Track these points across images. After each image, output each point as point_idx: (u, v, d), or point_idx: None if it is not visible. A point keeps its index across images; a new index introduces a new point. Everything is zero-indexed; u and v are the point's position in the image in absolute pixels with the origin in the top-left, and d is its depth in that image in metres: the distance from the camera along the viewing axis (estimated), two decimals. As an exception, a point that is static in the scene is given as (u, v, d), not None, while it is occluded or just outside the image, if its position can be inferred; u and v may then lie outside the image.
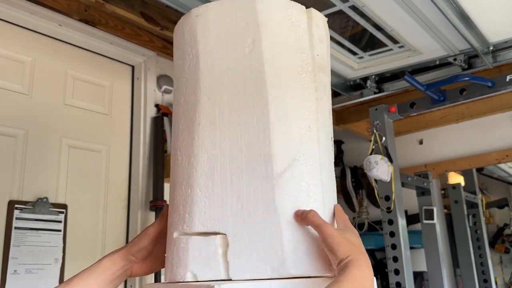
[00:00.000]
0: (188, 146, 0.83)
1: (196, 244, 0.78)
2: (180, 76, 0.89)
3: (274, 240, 0.75)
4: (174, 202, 0.84)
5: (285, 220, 0.76)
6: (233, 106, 0.80)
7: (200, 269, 0.76)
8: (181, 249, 0.79)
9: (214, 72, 0.83)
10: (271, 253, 0.74)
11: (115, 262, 0.87)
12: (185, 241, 0.79)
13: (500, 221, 3.38)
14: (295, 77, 0.84)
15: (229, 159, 0.79)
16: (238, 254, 0.74)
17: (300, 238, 0.76)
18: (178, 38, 0.92)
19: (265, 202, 0.76)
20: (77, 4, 1.95)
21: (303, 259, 0.76)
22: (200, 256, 0.77)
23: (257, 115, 0.80)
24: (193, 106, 0.83)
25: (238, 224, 0.76)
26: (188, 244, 0.78)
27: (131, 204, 2.19)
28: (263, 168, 0.77)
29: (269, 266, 0.74)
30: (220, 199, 0.77)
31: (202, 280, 0.76)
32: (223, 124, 0.80)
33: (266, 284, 0.73)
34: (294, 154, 0.79)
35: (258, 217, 0.76)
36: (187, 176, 0.81)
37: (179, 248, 0.80)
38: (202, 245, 0.77)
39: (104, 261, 0.87)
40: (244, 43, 0.83)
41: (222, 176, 0.78)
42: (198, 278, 0.76)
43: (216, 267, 0.75)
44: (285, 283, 0.73)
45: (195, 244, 0.78)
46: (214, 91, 0.82)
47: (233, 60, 0.83)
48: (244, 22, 0.84)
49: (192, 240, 0.78)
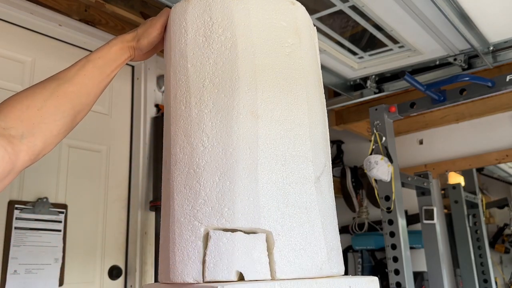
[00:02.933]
0: (221, 134, 0.77)
1: (243, 241, 0.72)
2: (201, 54, 0.83)
3: (317, 240, 0.76)
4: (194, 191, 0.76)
5: (324, 222, 0.78)
6: (276, 103, 0.80)
7: (247, 268, 0.71)
8: (223, 245, 0.72)
9: (255, 64, 0.81)
10: (315, 252, 0.75)
11: (124, 52, 0.91)
12: (229, 237, 0.73)
13: (500, 221, 3.38)
14: (317, 83, 0.89)
15: (272, 155, 0.76)
16: (284, 252, 0.73)
17: (335, 238, 0.80)
18: (198, 11, 0.86)
19: (308, 203, 0.77)
20: (77, 4, 1.95)
21: (338, 257, 0.79)
22: (248, 254, 0.72)
23: (300, 116, 0.81)
24: (227, 93, 0.79)
25: (283, 223, 0.74)
26: (233, 241, 0.72)
27: (131, 204, 2.19)
28: (306, 170, 0.78)
29: (314, 265, 0.74)
30: (265, 196, 0.74)
31: (249, 280, 0.71)
32: (266, 118, 0.78)
33: (310, 282, 0.72)
34: (324, 160, 0.84)
35: (302, 217, 0.76)
36: (222, 166, 0.75)
37: (220, 245, 0.73)
38: (249, 242, 0.72)
39: (113, 50, 0.89)
40: (284, 43, 0.84)
41: (265, 172, 0.75)
42: (245, 278, 0.71)
43: (263, 265, 0.72)
44: (327, 282, 0.74)
45: (241, 241, 0.72)
46: (255, 83, 0.79)
47: (273, 56, 0.83)
48: (285, 22, 0.86)
49: (237, 237, 0.72)
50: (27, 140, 0.74)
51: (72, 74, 0.84)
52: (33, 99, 0.77)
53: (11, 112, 0.74)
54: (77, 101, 0.83)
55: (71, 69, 0.85)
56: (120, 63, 0.91)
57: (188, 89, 0.82)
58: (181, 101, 0.83)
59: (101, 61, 0.87)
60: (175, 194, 0.79)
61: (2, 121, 0.73)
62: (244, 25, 0.82)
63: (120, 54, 0.90)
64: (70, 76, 0.83)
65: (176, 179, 0.79)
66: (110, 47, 0.89)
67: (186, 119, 0.81)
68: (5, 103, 0.76)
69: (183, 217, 0.76)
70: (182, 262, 0.75)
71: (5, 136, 0.71)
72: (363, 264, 3.07)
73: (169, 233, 0.79)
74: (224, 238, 0.72)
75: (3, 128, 0.72)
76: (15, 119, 0.74)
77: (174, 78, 0.86)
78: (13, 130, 0.73)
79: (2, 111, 0.74)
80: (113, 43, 0.90)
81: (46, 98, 0.78)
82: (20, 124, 0.74)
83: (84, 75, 0.85)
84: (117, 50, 0.90)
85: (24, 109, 0.75)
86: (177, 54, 0.87)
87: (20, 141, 0.73)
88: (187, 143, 0.79)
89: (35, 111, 0.76)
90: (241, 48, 0.81)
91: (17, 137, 0.73)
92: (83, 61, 0.86)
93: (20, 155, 0.72)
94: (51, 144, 0.78)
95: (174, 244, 0.77)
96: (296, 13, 0.89)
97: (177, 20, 0.89)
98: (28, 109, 0.75)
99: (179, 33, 0.87)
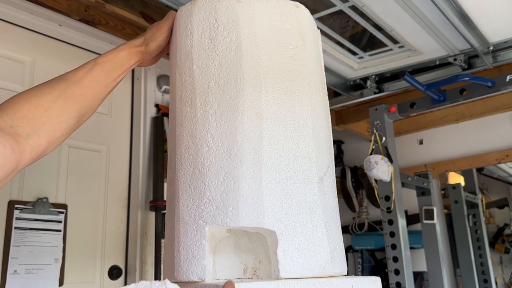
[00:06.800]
0: (226, 134, 0.78)
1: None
2: (206, 56, 0.84)
3: (320, 239, 0.77)
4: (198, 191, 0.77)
5: (327, 222, 0.79)
6: (280, 104, 0.80)
7: None
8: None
9: (260, 66, 0.82)
10: (318, 252, 0.76)
11: (132, 57, 0.91)
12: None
13: (500, 221, 3.38)
14: (320, 85, 0.90)
15: (276, 155, 0.77)
16: (287, 252, 0.74)
17: (338, 238, 0.81)
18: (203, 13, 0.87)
19: (311, 203, 0.78)
20: (77, 4, 1.95)
21: (341, 257, 0.80)
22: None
23: (303, 118, 0.82)
24: (232, 94, 0.80)
25: (287, 222, 0.75)
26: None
27: (131, 204, 2.19)
28: (309, 171, 0.79)
29: (317, 265, 0.75)
30: (269, 196, 0.75)
31: None
32: (270, 119, 0.79)
33: (313, 282, 0.73)
34: (327, 160, 0.84)
35: (306, 217, 0.76)
36: (226, 167, 0.76)
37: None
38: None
39: (122, 54, 0.89)
40: (289, 45, 0.85)
41: (269, 173, 0.76)
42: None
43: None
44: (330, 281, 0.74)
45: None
46: (259, 84, 0.80)
47: (277, 58, 0.83)
48: (289, 25, 0.87)
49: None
50: (32, 140, 0.73)
51: (80, 77, 0.84)
52: (41, 98, 0.77)
53: (19, 111, 0.74)
54: (83, 104, 0.83)
55: (80, 71, 0.85)
56: (127, 68, 0.91)
57: (193, 91, 0.83)
58: (186, 102, 0.84)
59: (108, 64, 0.87)
60: (180, 194, 0.80)
61: (10, 119, 0.72)
62: (249, 28, 0.83)
63: (128, 59, 0.91)
64: (78, 79, 0.83)
65: (181, 179, 0.80)
66: (118, 52, 0.90)
67: (191, 120, 0.82)
68: (14, 100, 0.76)
69: (188, 216, 0.77)
70: (187, 261, 0.76)
71: (12, 135, 0.71)
72: (363, 264, 3.07)
73: (174, 232, 0.80)
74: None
75: (10, 126, 0.72)
76: (22, 118, 0.74)
77: (180, 80, 0.87)
78: (20, 129, 0.72)
79: (11, 108, 0.74)
80: (122, 48, 0.91)
81: (54, 99, 0.78)
82: (27, 123, 0.74)
83: (92, 78, 0.85)
84: (125, 54, 0.90)
85: (32, 108, 0.75)
86: (182, 56, 0.88)
87: (26, 141, 0.73)
88: (192, 143, 0.80)
89: (42, 111, 0.76)
90: (246, 50, 0.82)
91: (23, 136, 0.72)
92: (91, 64, 0.86)
93: (24, 154, 0.72)
94: (53, 145, 0.79)
95: (179, 243, 0.78)
96: (300, 16, 0.90)
97: (183, 22, 0.90)
98: (36, 109, 0.75)
99: (184, 35, 0.88)
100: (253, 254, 0.81)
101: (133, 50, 0.91)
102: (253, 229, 0.75)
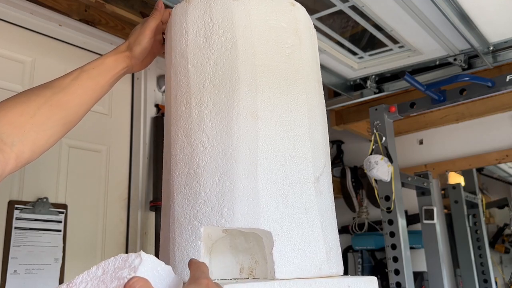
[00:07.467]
0: (221, 135, 0.77)
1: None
2: (202, 55, 0.83)
3: (316, 240, 0.76)
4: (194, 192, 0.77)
5: (323, 222, 0.79)
6: (276, 104, 0.80)
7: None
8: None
9: (255, 65, 0.81)
10: (314, 253, 0.76)
11: (118, 62, 0.90)
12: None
13: (500, 221, 3.38)
14: (316, 84, 0.90)
15: (271, 155, 0.77)
16: (283, 253, 0.73)
17: (334, 238, 0.81)
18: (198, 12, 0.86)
19: (307, 203, 0.77)
20: (77, 4, 1.95)
21: (337, 258, 0.80)
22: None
23: (299, 117, 0.81)
24: (228, 94, 0.79)
25: (283, 223, 0.74)
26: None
27: (131, 204, 2.19)
28: (305, 171, 0.79)
29: (313, 265, 0.75)
30: (264, 196, 0.74)
31: None
32: (265, 119, 0.78)
33: (309, 282, 0.72)
34: (324, 160, 0.84)
35: (302, 217, 0.76)
36: (221, 167, 0.76)
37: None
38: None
39: (108, 61, 0.89)
40: (284, 44, 0.85)
41: (265, 173, 0.75)
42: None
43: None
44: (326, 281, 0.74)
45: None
46: (255, 84, 0.80)
47: (273, 57, 0.83)
48: (285, 23, 0.87)
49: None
50: (16, 147, 0.73)
51: (66, 84, 0.83)
52: (27, 105, 0.76)
53: (5, 117, 0.74)
54: (69, 111, 0.82)
55: (66, 78, 0.84)
56: (114, 73, 0.90)
57: (188, 90, 0.83)
58: (181, 102, 0.83)
59: (95, 71, 0.87)
60: (175, 194, 0.79)
61: None
62: (244, 26, 0.83)
63: (114, 64, 0.90)
64: (64, 86, 0.83)
65: (176, 180, 0.80)
66: (104, 58, 0.89)
67: (187, 120, 0.81)
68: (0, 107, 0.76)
69: (183, 217, 0.77)
70: (182, 262, 0.76)
71: None
72: (363, 264, 3.07)
73: (169, 233, 0.79)
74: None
75: None
76: (8, 124, 0.73)
77: (175, 79, 0.86)
78: (5, 136, 0.72)
79: None
80: (108, 55, 0.90)
81: (39, 106, 0.77)
82: (12, 130, 0.73)
83: (78, 85, 0.84)
84: (111, 61, 0.90)
85: (18, 115, 0.75)
86: (177, 55, 0.87)
87: (10, 149, 0.72)
88: (187, 143, 0.80)
89: (27, 118, 0.75)
90: (241, 49, 0.81)
91: (8, 144, 0.72)
92: (77, 71, 0.86)
93: (9, 162, 0.72)
94: (37, 153, 0.78)
95: (174, 244, 0.77)
96: (296, 14, 0.89)
97: (178, 21, 0.89)
98: (21, 116, 0.75)
99: (179, 34, 0.87)
100: (249, 254, 0.80)
101: (119, 55, 0.91)
102: (249, 229, 0.74)
